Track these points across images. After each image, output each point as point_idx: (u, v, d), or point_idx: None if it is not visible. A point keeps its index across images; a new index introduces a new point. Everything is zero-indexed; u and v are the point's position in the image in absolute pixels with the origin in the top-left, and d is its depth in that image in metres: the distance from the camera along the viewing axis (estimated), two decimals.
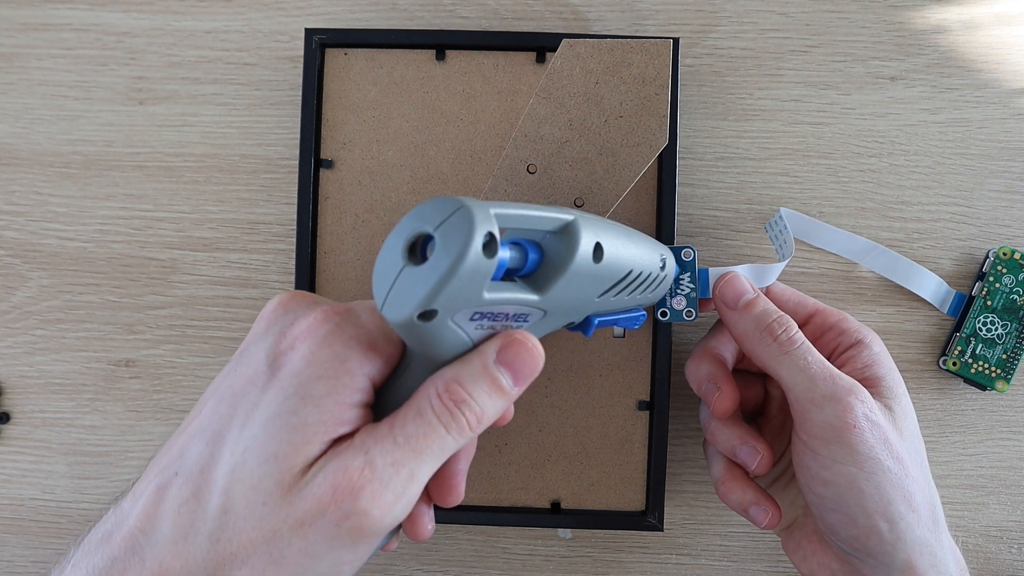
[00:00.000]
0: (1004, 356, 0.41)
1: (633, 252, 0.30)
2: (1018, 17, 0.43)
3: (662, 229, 0.39)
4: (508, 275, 0.26)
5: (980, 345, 0.41)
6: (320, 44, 0.40)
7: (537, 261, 0.26)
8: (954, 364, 0.41)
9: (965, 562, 0.34)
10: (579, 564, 0.43)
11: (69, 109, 0.43)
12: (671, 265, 0.34)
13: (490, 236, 0.23)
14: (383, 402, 0.27)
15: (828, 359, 0.34)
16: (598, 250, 0.27)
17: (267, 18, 0.43)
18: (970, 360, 0.41)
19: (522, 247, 0.26)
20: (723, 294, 0.35)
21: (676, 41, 0.38)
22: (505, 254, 0.25)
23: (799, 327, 0.34)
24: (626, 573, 0.43)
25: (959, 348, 0.41)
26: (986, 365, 0.41)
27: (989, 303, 0.41)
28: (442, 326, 0.24)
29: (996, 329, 0.41)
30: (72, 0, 0.43)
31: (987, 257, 0.41)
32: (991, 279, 0.41)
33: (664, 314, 0.36)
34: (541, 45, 0.39)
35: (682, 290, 0.36)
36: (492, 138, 0.40)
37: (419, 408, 0.25)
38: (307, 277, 0.40)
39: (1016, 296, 0.41)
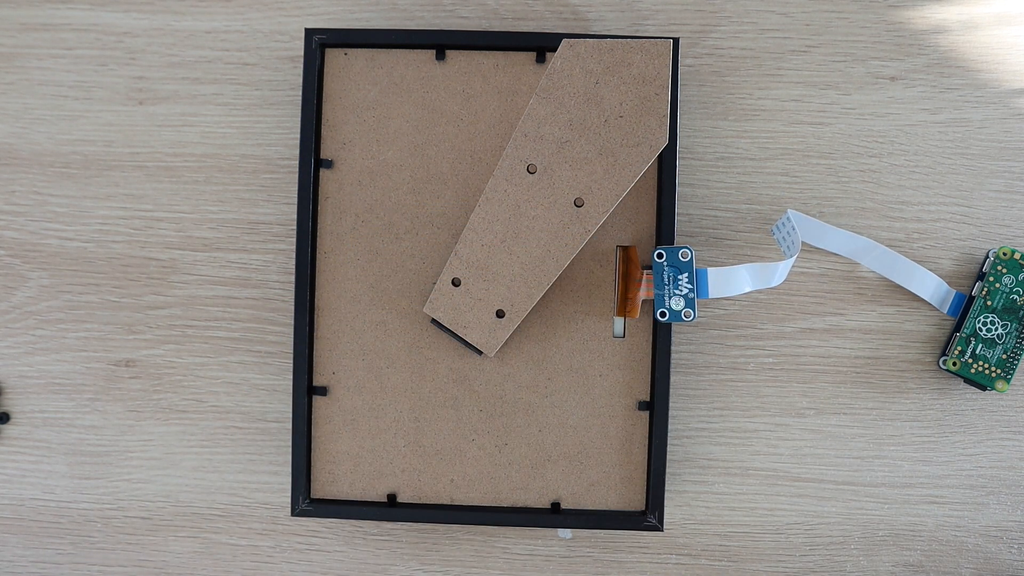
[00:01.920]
0: (1004, 356, 0.41)
1: None
2: (1018, 17, 0.43)
3: (662, 229, 0.39)
4: None
5: (980, 345, 0.41)
6: (320, 44, 0.40)
7: None
8: (954, 364, 0.41)
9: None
10: (579, 564, 0.43)
11: (69, 109, 0.43)
12: None
13: None
14: None
15: None
16: None
17: (267, 18, 0.43)
18: (970, 360, 0.41)
19: None
20: None
21: (676, 41, 0.38)
22: None
23: None
24: (626, 573, 0.43)
25: (959, 348, 0.41)
26: (986, 365, 0.41)
27: (989, 303, 0.41)
28: None
29: (996, 329, 0.41)
30: (72, 0, 0.43)
31: (987, 257, 0.41)
32: (991, 279, 0.41)
33: (663, 314, 0.36)
34: (541, 45, 0.39)
35: (680, 290, 0.36)
36: (492, 138, 0.40)
37: None
38: (307, 277, 0.40)
39: (1016, 296, 0.41)
